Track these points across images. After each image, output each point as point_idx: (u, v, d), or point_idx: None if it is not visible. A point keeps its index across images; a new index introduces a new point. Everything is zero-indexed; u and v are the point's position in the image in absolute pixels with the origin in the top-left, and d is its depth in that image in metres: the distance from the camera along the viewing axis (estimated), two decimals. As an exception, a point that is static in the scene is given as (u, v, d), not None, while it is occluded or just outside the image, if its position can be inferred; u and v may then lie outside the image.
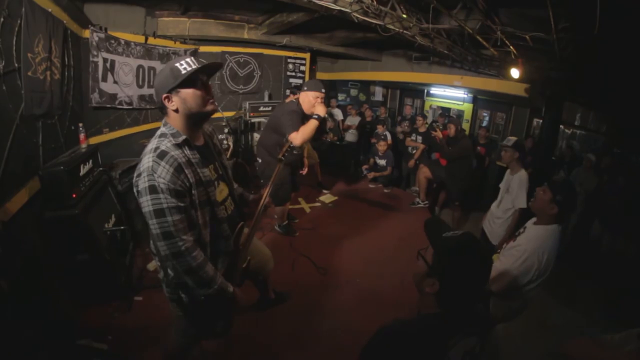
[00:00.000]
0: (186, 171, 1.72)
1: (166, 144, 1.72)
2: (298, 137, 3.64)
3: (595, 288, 4.68)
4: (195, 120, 1.85)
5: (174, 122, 1.81)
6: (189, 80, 1.73)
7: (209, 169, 1.94)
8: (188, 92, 1.75)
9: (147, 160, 1.67)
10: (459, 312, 1.30)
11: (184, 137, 1.78)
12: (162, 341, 2.34)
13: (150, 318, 3.14)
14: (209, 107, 1.83)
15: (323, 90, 3.99)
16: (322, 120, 3.78)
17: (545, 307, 3.98)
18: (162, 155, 1.67)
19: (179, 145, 1.75)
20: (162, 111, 1.83)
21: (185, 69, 1.73)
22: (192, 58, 1.80)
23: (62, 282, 3.06)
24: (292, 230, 4.96)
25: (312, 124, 3.67)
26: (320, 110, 3.74)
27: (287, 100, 4.77)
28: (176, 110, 1.77)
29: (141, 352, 2.82)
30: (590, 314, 4.09)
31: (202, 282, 1.77)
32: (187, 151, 1.79)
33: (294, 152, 3.15)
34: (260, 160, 4.37)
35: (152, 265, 3.88)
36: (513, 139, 3.96)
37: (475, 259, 1.30)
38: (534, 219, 2.60)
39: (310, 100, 3.94)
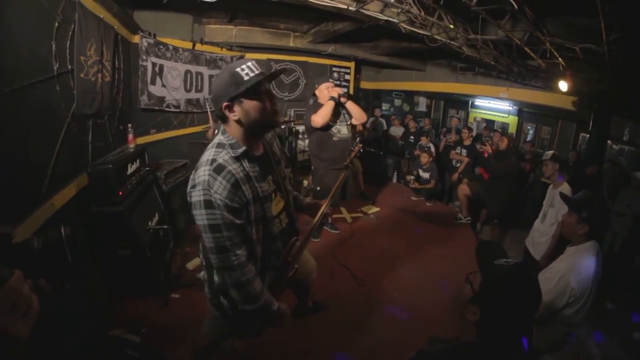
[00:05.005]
0: (243, 187, 1.64)
1: (224, 157, 1.63)
2: (317, 117, 4.10)
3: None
4: (258, 131, 1.77)
5: (234, 131, 1.70)
6: (253, 90, 1.61)
7: (268, 181, 1.84)
8: (252, 104, 1.64)
9: (202, 172, 1.59)
10: (499, 344, 1.24)
11: (243, 148, 1.68)
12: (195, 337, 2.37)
13: (185, 315, 3.20)
14: (276, 119, 1.78)
15: (331, 80, 4.42)
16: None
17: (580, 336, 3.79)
18: (219, 169, 1.59)
19: (237, 158, 1.66)
20: (222, 120, 1.70)
21: (247, 74, 1.60)
22: (254, 63, 1.66)
23: (101, 274, 3.17)
24: (319, 234, 4.99)
25: (328, 105, 4.13)
26: (334, 93, 4.20)
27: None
28: (238, 121, 1.66)
29: (173, 347, 2.86)
30: (627, 347, 3.87)
31: (247, 298, 1.71)
32: (246, 164, 1.70)
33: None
34: (312, 168, 4.68)
35: (191, 264, 4.00)
36: (550, 152, 4.06)
37: (521, 295, 1.23)
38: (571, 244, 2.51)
39: (323, 91, 4.34)
